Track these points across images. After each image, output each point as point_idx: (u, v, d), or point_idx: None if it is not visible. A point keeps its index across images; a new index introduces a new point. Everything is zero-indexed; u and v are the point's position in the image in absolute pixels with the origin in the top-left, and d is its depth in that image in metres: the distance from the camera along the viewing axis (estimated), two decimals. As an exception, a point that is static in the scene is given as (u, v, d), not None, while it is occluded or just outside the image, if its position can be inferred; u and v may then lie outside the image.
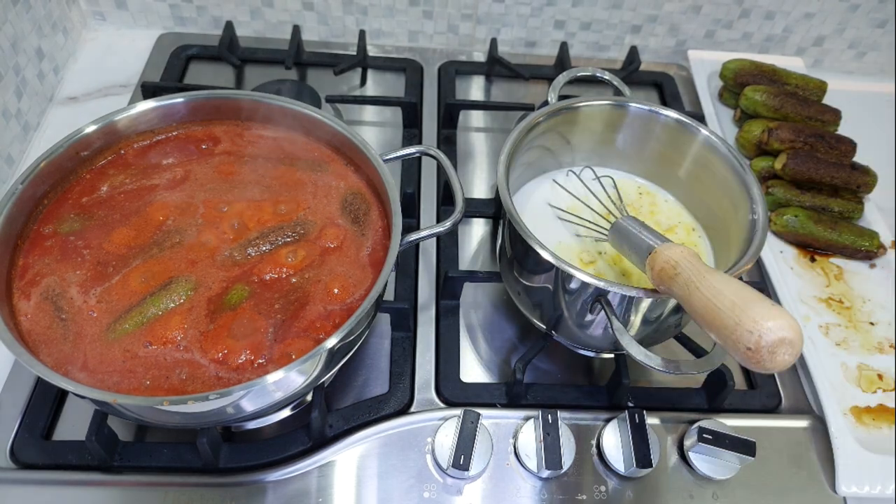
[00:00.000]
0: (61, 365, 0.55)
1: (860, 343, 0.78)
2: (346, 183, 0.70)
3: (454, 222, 0.64)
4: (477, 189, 0.90)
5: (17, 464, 0.63)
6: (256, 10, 1.04)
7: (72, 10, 1.00)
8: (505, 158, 0.65)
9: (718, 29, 1.08)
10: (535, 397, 0.70)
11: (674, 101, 1.03)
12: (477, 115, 0.99)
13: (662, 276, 0.54)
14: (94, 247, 0.62)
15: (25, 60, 0.88)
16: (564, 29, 1.07)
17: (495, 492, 0.64)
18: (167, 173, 0.69)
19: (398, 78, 1.02)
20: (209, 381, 0.55)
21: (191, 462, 0.63)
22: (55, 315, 0.57)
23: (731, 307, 0.46)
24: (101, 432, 0.60)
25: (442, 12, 1.04)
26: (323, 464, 0.64)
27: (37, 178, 0.62)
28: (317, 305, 0.60)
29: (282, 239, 0.64)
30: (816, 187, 0.87)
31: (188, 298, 0.59)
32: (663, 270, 0.53)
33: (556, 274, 0.61)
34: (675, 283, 0.52)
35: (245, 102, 0.72)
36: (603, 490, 0.64)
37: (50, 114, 0.94)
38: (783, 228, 0.85)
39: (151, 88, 0.91)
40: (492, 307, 0.78)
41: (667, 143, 0.73)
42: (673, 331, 0.68)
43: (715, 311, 0.47)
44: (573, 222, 0.71)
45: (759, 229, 0.62)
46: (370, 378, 0.71)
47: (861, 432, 0.70)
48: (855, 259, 0.86)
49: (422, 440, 0.66)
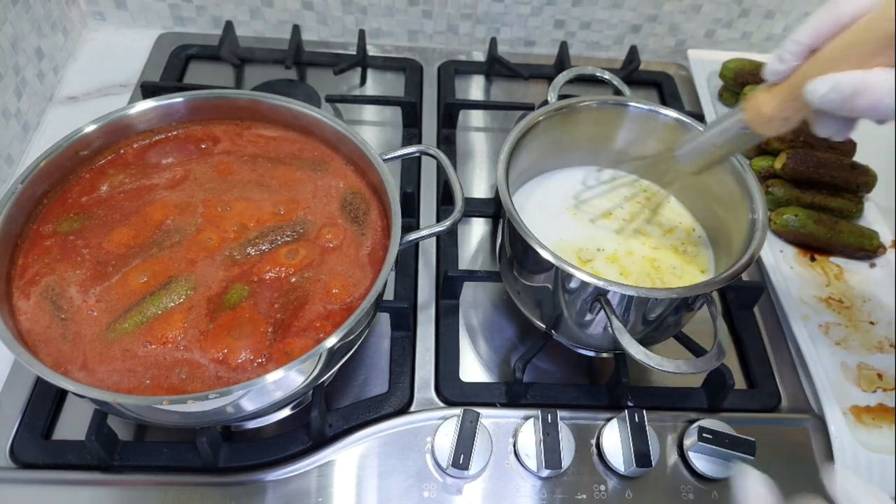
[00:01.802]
0: (61, 364, 0.55)
1: (860, 342, 0.78)
2: (346, 182, 0.70)
3: (454, 222, 0.64)
4: (477, 189, 0.90)
5: (17, 463, 0.63)
6: (256, 9, 1.04)
7: (71, 9, 1.00)
8: (505, 158, 0.65)
9: (718, 28, 1.08)
10: (534, 397, 0.70)
11: (673, 100, 1.03)
12: (477, 114, 0.99)
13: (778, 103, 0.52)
14: (93, 246, 0.62)
15: (25, 60, 0.88)
16: (564, 28, 1.07)
17: (495, 491, 0.64)
18: (167, 173, 0.69)
19: (398, 77, 1.02)
20: (209, 381, 0.55)
21: (191, 461, 0.63)
22: (55, 314, 0.57)
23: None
24: (101, 432, 0.60)
25: (441, 12, 1.04)
26: (323, 463, 0.64)
27: (36, 177, 0.62)
28: (316, 305, 0.60)
29: (281, 238, 0.64)
30: (816, 187, 0.87)
31: (188, 298, 0.59)
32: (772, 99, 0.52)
33: (555, 273, 0.61)
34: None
35: (245, 102, 0.72)
36: (603, 489, 0.64)
37: (50, 113, 0.94)
38: (783, 228, 0.85)
39: (151, 88, 0.91)
40: (492, 307, 0.78)
41: (667, 143, 0.73)
42: (673, 330, 0.68)
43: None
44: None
45: (759, 229, 0.62)
46: (370, 377, 0.71)
47: (861, 432, 0.70)
48: (855, 258, 0.86)
49: (421, 440, 0.66)
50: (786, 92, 0.51)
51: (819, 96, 0.47)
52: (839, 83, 0.45)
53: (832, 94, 0.46)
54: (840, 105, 0.46)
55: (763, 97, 0.53)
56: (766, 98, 0.52)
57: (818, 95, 0.47)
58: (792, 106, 0.51)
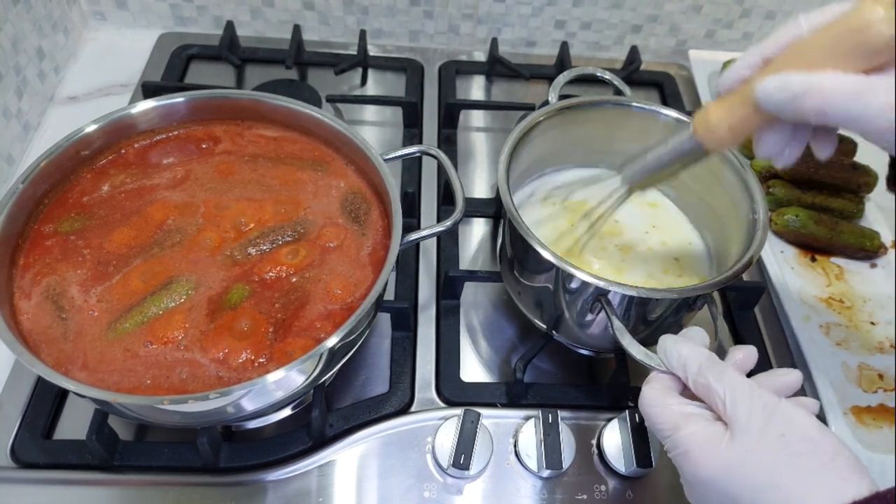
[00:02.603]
0: (62, 364, 0.55)
1: (861, 343, 0.78)
2: (347, 182, 0.70)
3: (454, 222, 0.64)
4: (477, 189, 0.90)
5: (18, 463, 0.63)
6: (257, 9, 1.04)
7: (72, 9, 1.00)
8: (505, 158, 0.65)
9: (719, 29, 1.08)
10: (535, 397, 0.70)
11: (674, 100, 1.03)
12: (477, 114, 0.99)
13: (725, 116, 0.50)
14: (94, 246, 0.62)
15: (26, 60, 0.88)
16: (565, 29, 1.07)
17: (495, 491, 0.64)
18: (168, 173, 0.69)
19: (399, 78, 1.02)
20: (209, 381, 0.55)
21: (191, 461, 0.63)
22: (56, 314, 0.57)
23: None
24: (102, 432, 0.60)
25: (443, 12, 1.04)
26: (323, 463, 0.64)
27: (37, 177, 0.62)
28: (317, 305, 0.60)
29: (282, 238, 0.64)
30: (817, 187, 0.87)
31: (188, 298, 0.59)
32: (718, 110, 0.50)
33: (556, 273, 0.61)
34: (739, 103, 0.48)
35: (246, 102, 0.72)
36: (603, 490, 0.64)
37: (50, 113, 0.94)
38: (784, 228, 0.85)
39: (152, 88, 0.91)
40: (492, 307, 0.78)
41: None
42: (674, 331, 0.68)
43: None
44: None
45: (760, 229, 0.62)
46: (370, 378, 0.71)
47: (861, 432, 0.70)
48: (855, 259, 0.86)
49: (422, 440, 0.66)
50: (734, 99, 0.49)
51: (766, 94, 0.44)
52: (788, 81, 0.43)
53: (779, 92, 0.44)
54: (786, 104, 0.44)
55: (712, 107, 0.51)
56: (715, 107, 0.50)
57: (765, 93, 0.44)
58: (739, 113, 0.48)
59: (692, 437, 0.46)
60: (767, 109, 0.45)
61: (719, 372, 0.47)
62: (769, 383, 0.48)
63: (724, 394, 0.46)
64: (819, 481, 0.42)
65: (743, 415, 0.45)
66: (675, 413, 0.48)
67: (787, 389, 0.48)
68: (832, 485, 0.41)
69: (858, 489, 0.41)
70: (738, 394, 0.45)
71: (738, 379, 0.47)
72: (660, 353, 0.52)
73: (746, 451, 0.44)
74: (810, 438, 0.43)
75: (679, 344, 0.50)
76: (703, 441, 0.45)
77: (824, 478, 0.42)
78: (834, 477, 0.42)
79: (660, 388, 0.50)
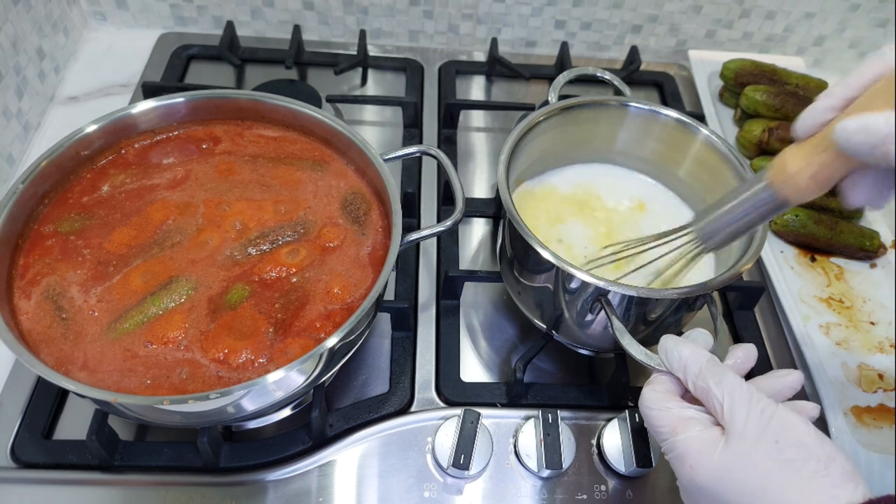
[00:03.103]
0: (62, 364, 0.55)
1: (861, 343, 0.78)
2: (347, 182, 0.70)
3: (454, 222, 0.64)
4: (477, 189, 0.90)
5: (18, 463, 0.63)
6: (257, 9, 1.04)
7: (72, 9, 1.00)
8: (505, 158, 0.65)
9: (719, 29, 1.08)
10: (535, 397, 0.70)
11: (674, 100, 1.03)
12: (477, 114, 0.99)
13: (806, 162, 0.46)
14: (94, 246, 0.62)
15: (26, 60, 0.88)
16: (565, 29, 1.07)
17: (495, 491, 0.64)
18: (168, 173, 0.69)
19: (398, 78, 1.02)
20: (210, 381, 0.55)
21: (191, 461, 0.63)
22: (56, 314, 0.57)
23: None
24: (102, 431, 0.60)
25: (442, 12, 1.04)
26: (323, 463, 0.64)
27: (37, 177, 0.62)
28: (317, 305, 0.60)
29: (282, 238, 0.64)
30: (817, 187, 0.87)
31: (189, 298, 0.59)
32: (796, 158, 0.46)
33: (556, 273, 0.61)
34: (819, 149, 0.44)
35: (245, 102, 0.72)
36: (603, 490, 0.64)
37: (51, 113, 0.94)
38: (783, 228, 0.85)
39: (152, 88, 0.91)
40: (492, 307, 0.78)
41: (667, 143, 0.73)
42: (673, 330, 0.68)
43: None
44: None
45: (760, 229, 0.62)
46: (370, 378, 0.71)
47: (861, 432, 0.70)
48: (855, 259, 0.86)
49: (422, 440, 0.66)
50: (814, 143, 0.45)
51: (845, 137, 0.40)
52: (868, 124, 0.39)
53: (860, 135, 0.40)
54: (870, 150, 0.39)
55: (789, 152, 0.47)
56: (793, 154, 0.46)
57: (844, 136, 0.40)
58: (820, 159, 0.44)
59: (688, 441, 0.46)
60: (851, 154, 0.41)
61: (719, 376, 0.47)
62: (769, 385, 0.48)
63: (722, 398, 0.46)
64: (812, 488, 0.42)
65: (740, 420, 0.45)
66: (674, 416, 0.48)
67: (788, 391, 0.48)
68: (825, 491, 0.41)
69: (852, 496, 0.41)
70: (736, 399, 0.45)
71: (738, 383, 0.46)
72: (661, 354, 0.52)
73: (741, 456, 0.44)
74: (804, 445, 0.43)
75: (680, 345, 0.50)
76: (699, 446, 0.45)
77: (817, 484, 0.42)
78: (827, 484, 0.42)
79: (660, 390, 0.50)
